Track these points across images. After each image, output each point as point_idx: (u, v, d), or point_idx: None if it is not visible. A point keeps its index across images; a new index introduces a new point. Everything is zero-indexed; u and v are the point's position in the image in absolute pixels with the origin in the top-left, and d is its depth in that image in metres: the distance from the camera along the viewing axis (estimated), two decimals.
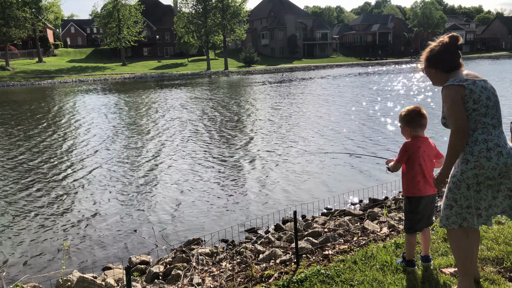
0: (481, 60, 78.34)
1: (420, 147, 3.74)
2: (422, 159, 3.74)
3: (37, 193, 9.26)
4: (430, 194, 3.81)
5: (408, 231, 3.88)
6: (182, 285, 4.46)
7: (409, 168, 3.80)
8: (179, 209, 7.99)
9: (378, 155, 11.21)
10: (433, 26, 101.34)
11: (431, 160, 3.78)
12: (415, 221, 3.82)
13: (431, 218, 3.91)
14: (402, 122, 3.83)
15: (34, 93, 39.72)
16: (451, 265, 3.86)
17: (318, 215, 7.28)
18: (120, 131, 17.22)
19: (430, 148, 3.79)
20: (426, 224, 3.89)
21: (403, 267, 3.90)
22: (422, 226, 3.86)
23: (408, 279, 3.70)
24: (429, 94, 25.07)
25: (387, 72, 53.12)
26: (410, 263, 3.88)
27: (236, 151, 12.63)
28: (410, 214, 3.84)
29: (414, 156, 3.75)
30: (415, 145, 3.74)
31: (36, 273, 5.69)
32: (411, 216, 3.83)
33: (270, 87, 37.53)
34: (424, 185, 3.76)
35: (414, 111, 3.77)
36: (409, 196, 3.82)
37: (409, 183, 3.81)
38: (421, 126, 3.76)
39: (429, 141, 3.82)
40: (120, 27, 72.91)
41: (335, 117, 18.40)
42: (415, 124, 3.75)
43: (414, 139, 3.78)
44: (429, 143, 3.81)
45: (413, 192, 3.79)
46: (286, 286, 3.86)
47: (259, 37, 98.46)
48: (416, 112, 3.76)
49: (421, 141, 3.76)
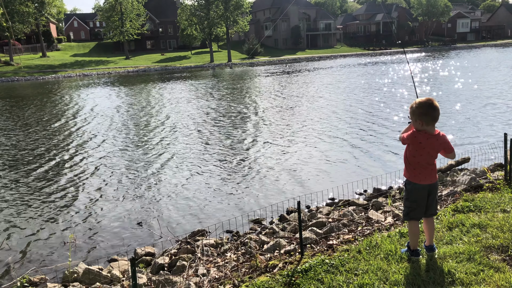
0: (487, 48, 77.55)
1: (421, 143, 3.64)
2: (419, 154, 3.67)
3: (42, 186, 9.32)
4: (425, 184, 3.73)
5: (404, 217, 3.93)
6: (188, 276, 4.48)
7: (406, 153, 3.79)
8: (183, 201, 8.01)
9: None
10: (438, 15, 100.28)
11: (430, 155, 3.67)
12: (410, 208, 3.82)
13: (432, 208, 3.84)
14: (414, 115, 3.63)
15: (39, 88, 39.83)
16: (456, 253, 3.85)
17: (322, 205, 7.27)
18: (124, 124, 17.25)
19: (433, 144, 3.64)
20: (427, 214, 3.84)
21: (407, 257, 3.89)
22: (418, 215, 3.83)
23: (412, 267, 3.70)
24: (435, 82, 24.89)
25: (392, 61, 52.74)
26: (415, 253, 3.86)
27: (240, 142, 12.62)
28: (407, 200, 3.86)
29: (412, 147, 3.71)
30: (417, 139, 3.65)
31: (42, 265, 5.75)
32: (407, 203, 3.85)
33: (273, 78, 37.39)
34: (419, 175, 3.73)
35: (426, 103, 3.57)
36: (406, 179, 3.84)
37: (405, 167, 3.84)
38: (434, 119, 3.59)
39: (436, 137, 3.63)
40: (122, 20, 72.73)
41: (339, 108, 18.33)
42: (427, 118, 3.58)
43: (419, 133, 3.64)
44: (435, 140, 3.63)
45: (408, 176, 3.80)
46: (291, 276, 3.87)
47: (262, 28, 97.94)
48: (429, 104, 3.56)
49: (426, 137, 3.61)
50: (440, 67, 37.81)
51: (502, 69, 32.33)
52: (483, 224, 4.41)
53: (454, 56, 56.09)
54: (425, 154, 3.67)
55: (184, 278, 4.40)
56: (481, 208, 4.93)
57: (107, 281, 4.85)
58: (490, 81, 24.65)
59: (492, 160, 8.47)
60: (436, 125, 3.73)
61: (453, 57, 55.02)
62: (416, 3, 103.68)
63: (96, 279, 4.83)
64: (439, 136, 3.65)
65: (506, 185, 5.78)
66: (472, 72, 31.02)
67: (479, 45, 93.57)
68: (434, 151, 3.68)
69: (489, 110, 15.41)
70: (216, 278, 4.29)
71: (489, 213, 4.77)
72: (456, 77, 28.11)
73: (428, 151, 3.66)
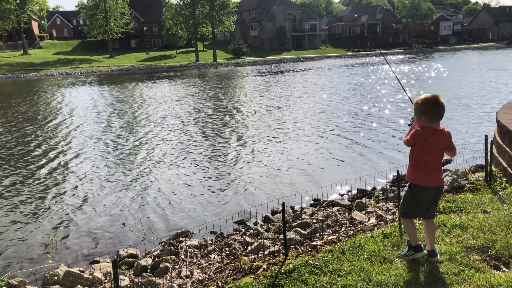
0: (470, 51, 78.93)
1: (427, 139, 3.51)
2: (427, 151, 3.54)
3: (22, 187, 9.13)
4: (432, 186, 3.61)
5: (403, 216, 3.83)
6: (171, 278, 4.44)
7: (412, 154, 3.64)
8: (167, 202, 7.94)
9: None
10: (421, 17, 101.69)
11: (438, 154, 3.57)
12: (411, 209, 3.73)
13: (432, 210, 3.76)
14: (418, 112, 3.52)
15: (20, 86, 39.07)
16: (438, 254, 3.88)
17: (306, 206, 7.29)
18: (108, 124, 17.04)
19: (439, 141, 3.53)
20: (427, 216, 3.76)
21: (411, 254, 3.80)
22: (418, 215, 3.80)
23: (394, 268, 3.72)
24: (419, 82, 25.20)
25: (377, 63, 53.27)
26: (418, 248, 3.76)
27: (225, 143, 12.58)
28: (407, 201, 3.74)
29: (418, 146, 3.56)
30: (422, 137, 3.52)
31: (22, 268, 5.63)
32: (408, 203, 3.74)
33: (259, 78, 37.40)
34: (427, 176, 3.59)
35: (432, 100, 3.45)
36: (411, 183, 3.69)
37: (411, 169, 3.67)
38: (439, 116, 3.47)
39: (441, 133, 3.54)
40: (107, 18, 71.86)
41: (324, 108, 18.43)
42: (432, 116, 3.46)
43: (424, 130, 3.53)
44: (441, 135, 3.54)
45: (414, 178, 3.64)
46: (275, 277, 3.86)
47: (248, 28, 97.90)
48: (434, 101, 3.44)
49: (431, 133, 3.50)
50: (425, 69, 38.34)
51: (484, 71, 32.95)
52: (464, 225, 4.47)
53: (437, 58, 56.93)
54: (433, 152, 3.54)
55: (167, 280, 4.36)
56: (462, 209, 5.00)
57: (89, 284, 4.77)
58: (472, 82, 25.09)
59: (473, 161, 8.61)
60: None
61: (436, 59, 55.84)
62: (400, 6, 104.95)
63: (77, 282, 4.75)
64: (444, 132, 3.55)
65: (486, 186, 5.88)
66: (456, 74, 31.54)
67: (462, 47, 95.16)
68: (441, 147, 3.56)
69: (470, 111, 15.68)
70: (200, 280, 4.25)
71: (470, 213, 4.84)
72: (440, 79, 28.54)
73: (435, 148, 3.53)
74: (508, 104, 8.55)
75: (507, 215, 4.60)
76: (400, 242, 4.25)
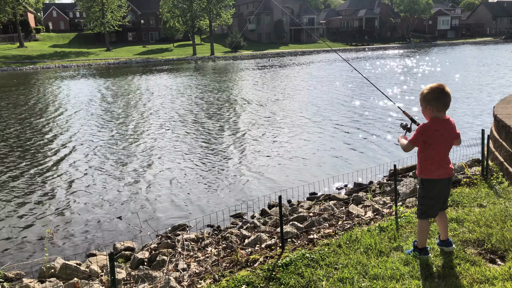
0: (468, 46, 78.91)
1: (438, 130, 3.45)
2: (438, 142, 3.48)
3: (19, 180, 9.11)
4: (444, 178, 3.57)
5: (421, 216, 3.69)
6: (167, 271, 4.44)
7: (422, 150, 3.56)
8: (164, 195, 7.94)
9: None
10: (419, 12, 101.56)
11: (449, 143, 3.54)
12: (428, 206, 3.64)
13: (446, 202, 3.75)
14: (424, 101, 3.47)
15: (16, 79, 38.84)
16: (434, 247, 3.90)
17: (303, 199, 7.30)
18: (104, 118, 16.98)
19: (449, 130, 3.50)
20: (441, 208, 3.73)
21: (414, 256, 3.74)
22: (436, 213, 3.69)
23: (390, 261, 3.74)
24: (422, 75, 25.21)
25: (376, 57, 53.22)
26: (424, 251, 3.70)
27: (222, 136, 12.56)
28: (424, 198, 3.65)
29: (430, 140, 3.46)
30: (432, 128, 3.45)
31: (18, 261, 5.62)
32: (425, 200, 3.65)
33: (257, 72, 37.31)
34: (438, 169, 3.54)
35: (437, 88, 3.43)
36: (422, 178, 3.63)
37: (421, 164, 3.60)
38: (445, 105, 3.43)
39: (449, 122, 3.51)
40: (103, 11, 71.36)
41: (322, 102, 18.42)
42: (438, 104, 3.42)
43: (432, 121, 3.47)
44: (449, 124, 3.50)
45: (426, 173, 3.58)
46: (271, 270, 3.87)
47: (245, 22, 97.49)
48: (440, 89, 3.42)
49: (440, 123, 3.45)
50: (424, 63, 38.33)
51: (483, 65, 32.97)
52: (460, 219, 4.49)
53: (435, 53, 56.90)
54: (444, 142, 3.50)
55: (164, 273, 4.36)
56: (459, 203, 5.02)
57: (85, 277, 4.77)
58: (471, 77, 25.11)
59: (469, 156, 8.63)
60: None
61: (435, 53, 55.81)
62: (398, 0, 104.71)
63: (74, 275, 4.74)
64: (450, 121, 3.54)
65: (482, 180, 5.90)
66: (455, 68, 31.55)
67: (459, 42, 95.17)
68: (450, 137, 3.51)
69: (467, 105, 15.71)
70: (197, 272, 4.26)
71: (466, 207, 4.86)
72: (437, 73, 28.55)
73: (445, 138, 3.49)
74: (505, 98, 8.56)
75: (503, 209, 4.62)
76: (396, 235, 4.26)
